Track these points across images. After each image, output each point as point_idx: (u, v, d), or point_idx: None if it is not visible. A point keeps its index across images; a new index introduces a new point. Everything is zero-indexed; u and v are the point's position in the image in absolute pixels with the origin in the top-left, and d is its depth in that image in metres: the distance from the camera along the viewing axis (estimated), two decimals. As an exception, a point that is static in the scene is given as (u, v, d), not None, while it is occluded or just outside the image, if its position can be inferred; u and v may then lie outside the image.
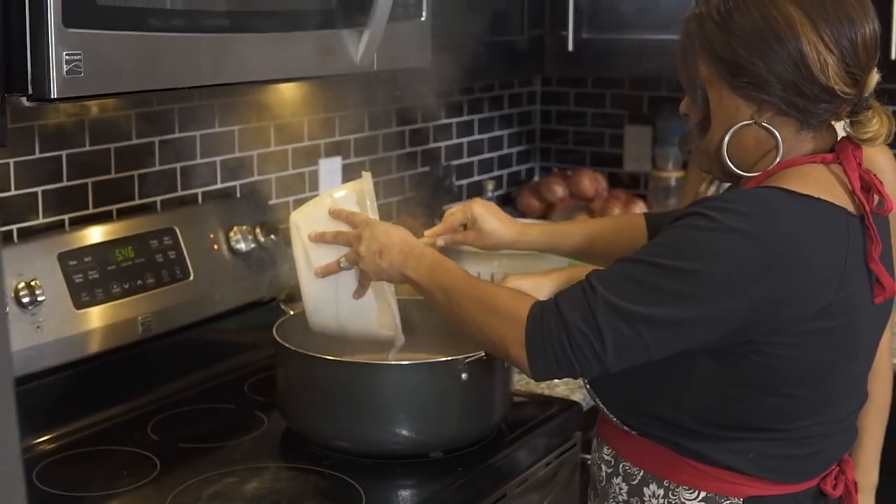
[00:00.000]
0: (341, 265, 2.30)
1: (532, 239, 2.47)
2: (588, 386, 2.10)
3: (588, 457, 2.77)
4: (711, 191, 2.88)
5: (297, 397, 2.45)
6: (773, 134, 1.91)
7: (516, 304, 1.96)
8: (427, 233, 2.42)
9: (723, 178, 2.06)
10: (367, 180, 2.37)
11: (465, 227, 2.45)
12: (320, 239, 2.32)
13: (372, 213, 2.33)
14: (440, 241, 2.42)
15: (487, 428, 2.48)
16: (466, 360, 2.33)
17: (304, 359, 2.37)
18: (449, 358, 2.36)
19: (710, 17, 1.90)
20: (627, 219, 2.51)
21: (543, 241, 2.47)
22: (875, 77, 1.90)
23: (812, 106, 1.88)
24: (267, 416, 2.62)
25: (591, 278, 1.90)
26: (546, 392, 2.78)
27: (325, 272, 2.32)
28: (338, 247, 2.31)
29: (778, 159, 1.92)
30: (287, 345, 2.40)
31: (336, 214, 2.32)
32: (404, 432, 2.35)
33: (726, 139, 1.93)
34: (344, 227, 2.31)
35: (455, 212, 2.45)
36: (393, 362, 2.41)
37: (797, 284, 1.84)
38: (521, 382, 2.82)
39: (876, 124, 1.92)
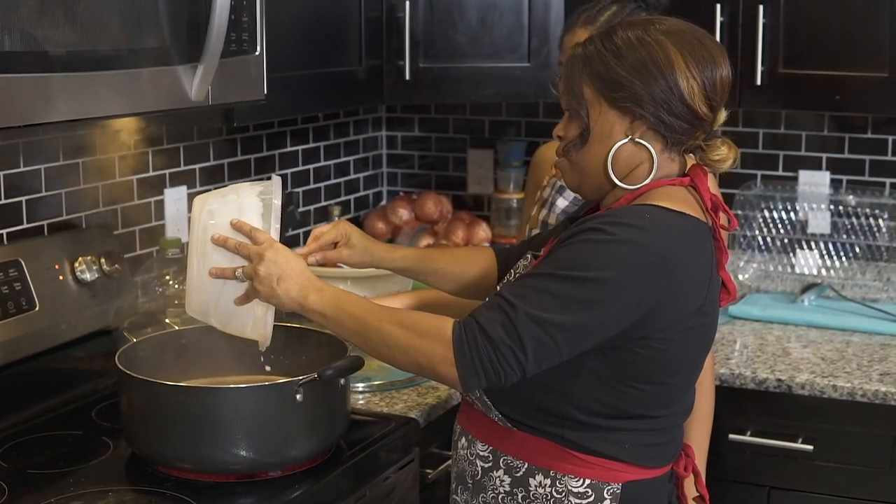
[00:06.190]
0: (237, 275, 2.31)
1: (396, 257, 2.59)
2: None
3: (429, 471, 2.89)
4: (543, 214, 3.01)
5: (139, 422, 2.51)
6: (646, 148, 2.18)
7: (439, 325, 2.12)
8: (300, 251, 2.44)
9: (589, 196, 2.32)
10: (276, 191, 2.35)
11: (335, 245, 2.53)
12: (222, 244, 2.32)
13: (275, 225, 2.33)
14: (312, 259, 2.48)
15: (324, 446, 2.56)
16: (300, 382, 2.41)
17: (144, 385, 2.44)
18: (283, 380, 2.45)
19: (597, 53, 2.18)
20: (480, 250, 2.68)
21: (407, 263, 2.60)
22: (724, 114, 2.24)
23: (677, 124, 2.17)
24: (113, 441, 2.67)
25: (505, 295, 2.10)
26: (385, 410, 2.87)
27: (219, 275, 2.32)
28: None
29: (652, 174, 2.19)
30: (129, 372, 2.46)
31: (238, 227, 2.32)
32: (242, 453, 2.42)
33: (610, 154, 2.18)
34: (244, 239, 2.32)
35: (326, 230, 2.52)
36: (230, 386, 2.47)
37: (681, 286, 2.14)
38: (361, 401, 2.91)
39: (725, 149, 2.23)
